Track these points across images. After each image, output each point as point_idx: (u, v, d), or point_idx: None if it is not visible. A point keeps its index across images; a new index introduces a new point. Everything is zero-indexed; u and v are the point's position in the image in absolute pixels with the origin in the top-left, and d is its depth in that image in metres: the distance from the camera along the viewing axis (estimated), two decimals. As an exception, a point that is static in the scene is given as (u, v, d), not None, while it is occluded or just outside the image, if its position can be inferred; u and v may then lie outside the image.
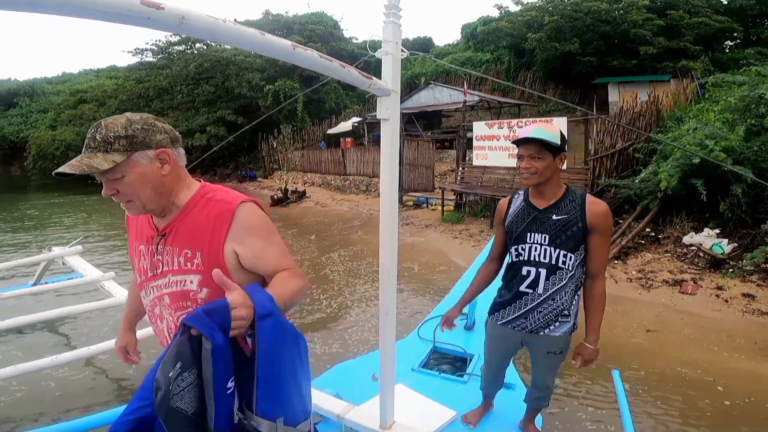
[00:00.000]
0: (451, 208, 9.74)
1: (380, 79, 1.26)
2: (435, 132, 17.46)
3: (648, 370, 3.65)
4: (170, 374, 0.82)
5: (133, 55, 24.14)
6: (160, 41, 23.35)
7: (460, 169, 9.92)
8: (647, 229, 6.42)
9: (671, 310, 4.75)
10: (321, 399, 1.93)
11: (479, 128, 8.95)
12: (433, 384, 2.47)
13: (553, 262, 1.75)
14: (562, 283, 1.76)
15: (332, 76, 1.05)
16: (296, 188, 15.05)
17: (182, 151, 1.18)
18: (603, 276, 1.79)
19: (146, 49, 23.60)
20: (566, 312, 1.79)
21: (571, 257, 1.74)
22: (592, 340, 1.80)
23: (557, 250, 1.74)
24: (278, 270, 1.13)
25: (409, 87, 21.93)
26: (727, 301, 4.72)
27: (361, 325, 4.68)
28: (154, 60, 23.89)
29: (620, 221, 6.84)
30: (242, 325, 0.88)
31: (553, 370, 1.97)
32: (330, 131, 19.39)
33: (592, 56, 16.28)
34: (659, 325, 4.48)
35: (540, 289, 1.78)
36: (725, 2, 17.19)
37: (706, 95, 10.03)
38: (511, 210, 1.88)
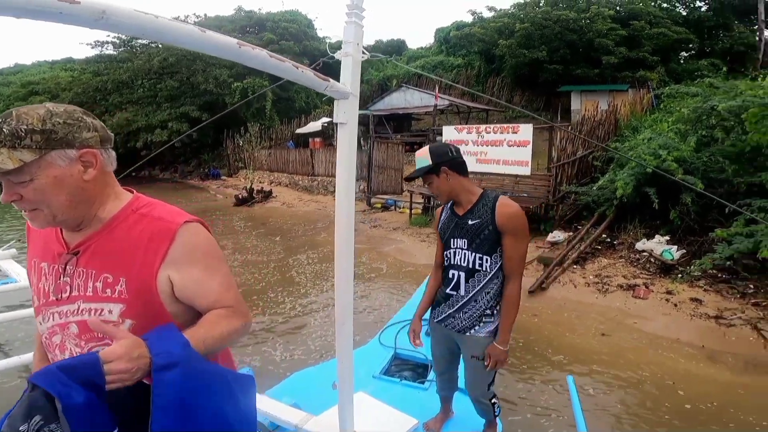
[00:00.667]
0: (419, 211, 9.78)
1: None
2: (405, 134, 17.55)
3: (609, 374, 3.75)
4: (21, 428, 0.72)
5: (92, 48, 23.20)
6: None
7: (428, 172, 9.96)
8: (603, 235, 6.65)
9: (625, 314, 4.92)
10: (279, 409, 1.87)
11: (449, 132, 9.04)
12: (395, 391, 2.44)
13: (470, 265, 1.84)
14: (481, 285, 1.83)
15: (285, 77, 1.00)
16: (262, 188, 14.76)
17: (113, 153, 1.01)
18: (516, 278, 1.81)
19: (107, 42, 22.74)
20: (488, 312, 1.84)
21: (487, 260, 1.81)
22: (500, 341, 1.82)
23: (473, 254, 1.82)
24: (216, 306, 0.99)
25: (381, 89, 22.02)
26: (676, 305, 4.93)
27: (325, 330, 4.60)
28: (115, 53, 23.03)
29: (579, 227, 7.07)
30: (123, 379, 0.77)
31: (480, 379, 1.95)
32: (299, 131, 19.16)
33: (558, 64, 16.80)
34: (615, 328, 4.64)
35: (462, 291, 1.87)
36: (684, 14, 18.05)
37: (661, 105, 10.50)
38: (442, 218, 1.99)
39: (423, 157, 1.85)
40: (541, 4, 18.34)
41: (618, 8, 17.22)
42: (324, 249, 7.95)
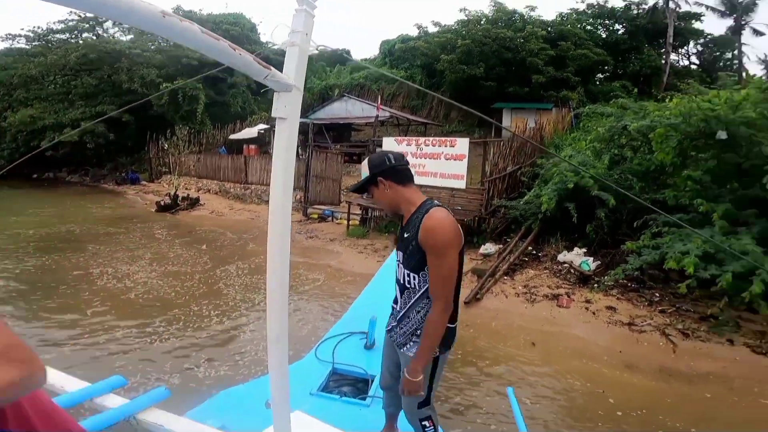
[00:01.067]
0: (357, 222, 9.73)
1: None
2: (344, 145, 17.54)
3: (543, 383, 3.88)
4: None
5: (2, 41, 21.25)
6: (39, 27, 20.92)
7: (367, 183, 9.98)
8: (530, 248, 7.02)
9: (551, 323, 5.18)
10: (202, 433, 1.67)
11: (388, 144, 9.12)
12: (334, 409, 2.31)
13: (401, 281, 1.73)
14: (412, 303, 1.73)
15: (218, 59, 0.89)
16: (188, 194, 13.94)
17: None
18: (437, 302, 1.61)
19: (19, 35, 21.18)
20: (419, 332, 1.72)
21: (415, 277, 1.67)
22: (409, 368, 1.64)
23: (404, 269, 1.71)
24: None
25: (322, 98, 21.90)
26: (594, 313, 5.28)
27: (255, 345, 4.35)
28: (28, 47, 21.30)
29: (508, 240, 7.41)
30: None
31: (409, 398, 1.82)
32: (233, 137, 18.39)
33: (493, 81, 17.69)
34: (543, 338, 4.84)
35: (398, 306, 1.79)
36: (604, 36, 19.77)
37: (580, 124, 11.37)
38: None
39: (363, 169, 1.76)
40: (482, 22, 19.29)
41: (549, 29, 18.60)
42: (256, 259, 7.59)
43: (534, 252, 7.00)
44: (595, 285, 5.80)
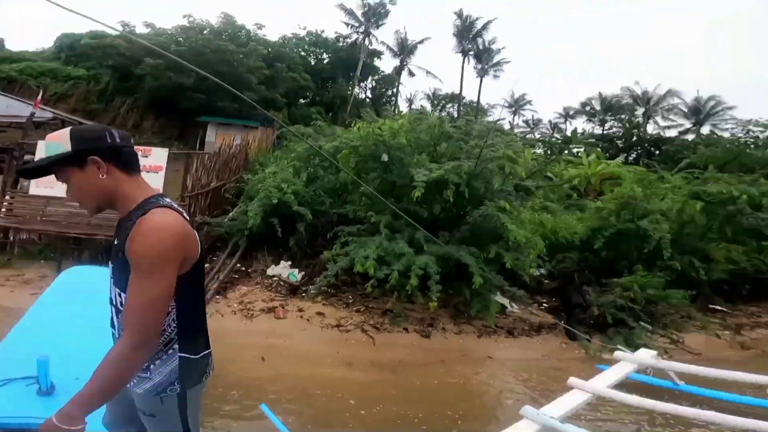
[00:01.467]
0: (-13, 249, 7.23)
1: None
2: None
3: (286, 398, 3.77)
4: None
5: None
6: None
7: (8, 198, 7.80)
8: (239, 265, 6.90)
9: (274, 335, 5.19)
10: None
11: (45, 150, 7.15)
12: None
13: (114, 301, 1.32)
14: None
15: None
16: None
17: None
18: (131, 334, 1.18)
19: None
20: (149, 365, 1.31)
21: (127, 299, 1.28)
22: (60, 411, 1.14)
23: (114, 287, 1.31)
24: None
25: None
26: (308, 320, 5.59)
27: None
28: None
29: (215, 258, 7.05)
30: None
31: None
32: None
33: (202, 93, 16.71)
34: (270, 351, 4.78)
35: (116, 331, 1.36)
36: (313, 63, 21.74)
37: (284, 144, 12.08)
38: None
39: (56, 141, 1.20)
40: (206, 32, 18.17)
41: (269, 49, 19.12)
42: None
43: (243, 268, 6.92)
44: (304, 294, 6.14)
